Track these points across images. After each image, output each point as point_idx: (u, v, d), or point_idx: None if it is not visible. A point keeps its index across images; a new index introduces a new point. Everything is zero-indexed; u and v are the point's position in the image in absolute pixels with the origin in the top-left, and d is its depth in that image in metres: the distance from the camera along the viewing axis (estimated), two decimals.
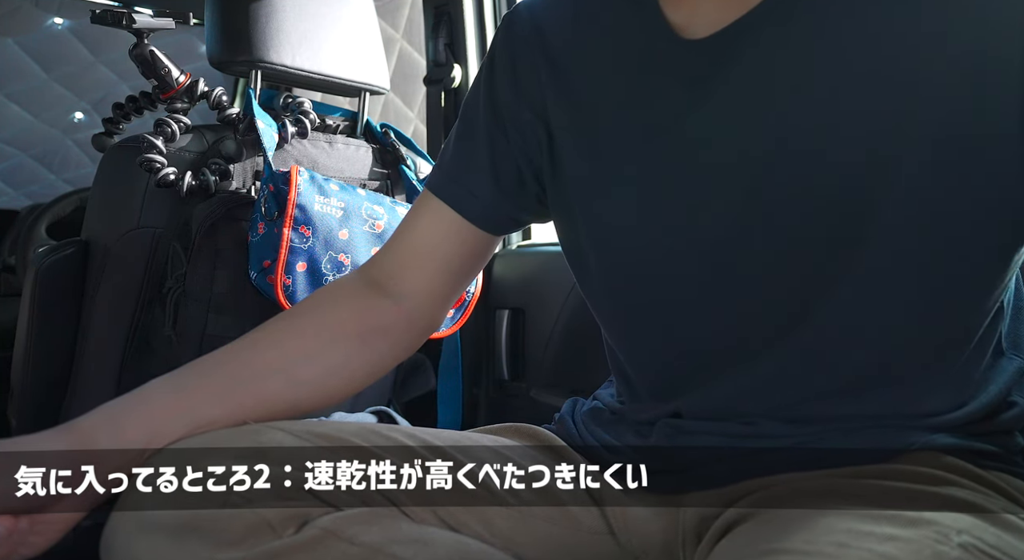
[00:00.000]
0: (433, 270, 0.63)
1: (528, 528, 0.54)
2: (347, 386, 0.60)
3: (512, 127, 0.62)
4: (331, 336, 0.59)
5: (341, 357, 0.59)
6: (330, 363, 0.59)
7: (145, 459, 0.49)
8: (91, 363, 0.98)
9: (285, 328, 0.60)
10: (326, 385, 0.58)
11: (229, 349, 0.58)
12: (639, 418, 0.62)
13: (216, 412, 0.53)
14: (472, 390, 1.38)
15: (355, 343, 0.59)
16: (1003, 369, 0.55)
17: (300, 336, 0.59)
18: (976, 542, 0.42)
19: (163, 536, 0.43)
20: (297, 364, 0.57)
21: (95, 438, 0.50)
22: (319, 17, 1.07)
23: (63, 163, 2.35)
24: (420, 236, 0.63)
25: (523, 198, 0.64)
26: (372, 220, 1.00)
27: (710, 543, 0.53)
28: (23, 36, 2.14)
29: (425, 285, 0.63)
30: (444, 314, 0.67)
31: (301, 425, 0.52)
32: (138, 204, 0.96)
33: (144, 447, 0.50)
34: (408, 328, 0.63)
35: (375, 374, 0.62)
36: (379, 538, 0.45)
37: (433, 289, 0.63)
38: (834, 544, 0.40)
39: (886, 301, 0.51)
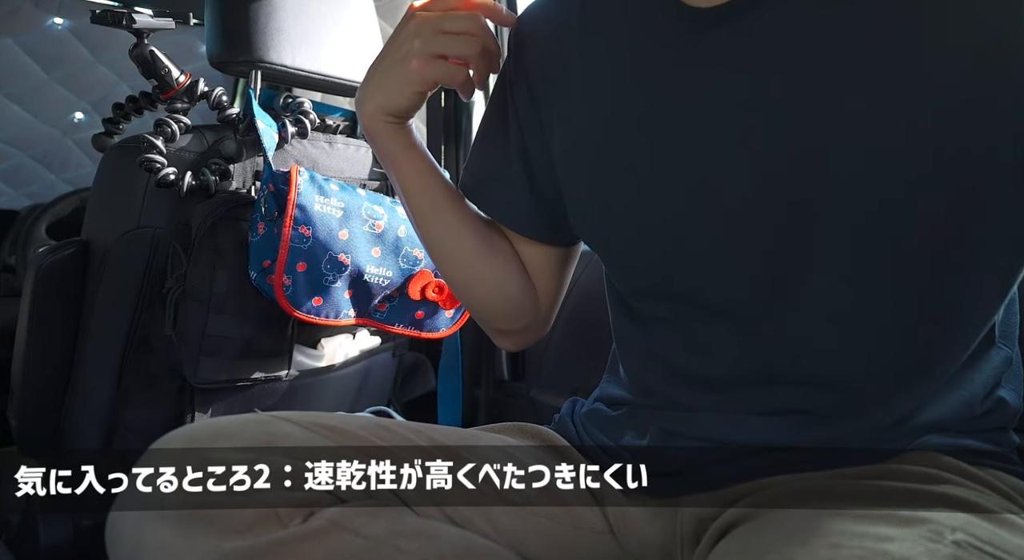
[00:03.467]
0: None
1: (532, 526, 0.54)
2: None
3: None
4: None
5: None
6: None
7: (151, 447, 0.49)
8: (91, 363, 0.98)
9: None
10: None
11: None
12: (636, 420, 0.63)
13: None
14: (472, 390, 1.38)
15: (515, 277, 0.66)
16: (991, 359, 0.55)
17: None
18: (970, 539, 0.42)
19: (170, 525, 0.43)
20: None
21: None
22: (319, 17, 1.07)
23: (63, 163, 2.35)
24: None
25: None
26: (372, 220, 1.01)
27: (708, 545, 0.53)
28: (23, 36, 2.14)
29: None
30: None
31: (309, 417, 0.52)
32: (138, 204, 0.96)
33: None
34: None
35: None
36: (384, 531, 0.46)
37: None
38: (829, 545, 0.40)
39: (879, 300, 0.51)
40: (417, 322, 1.11)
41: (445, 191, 0.64)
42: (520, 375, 1.32)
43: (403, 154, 0.62)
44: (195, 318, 0.95)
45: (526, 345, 0.72)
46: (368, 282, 1.01)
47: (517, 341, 0.71)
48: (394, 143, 0.62)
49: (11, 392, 1.05)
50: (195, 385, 0.96)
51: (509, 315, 0.67)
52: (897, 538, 0.41)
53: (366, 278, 1.00)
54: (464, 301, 0.69)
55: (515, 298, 0.66)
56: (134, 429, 0.98)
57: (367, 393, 1.24)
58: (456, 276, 0.66)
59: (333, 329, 1.13)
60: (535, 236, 0.65)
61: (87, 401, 0.98)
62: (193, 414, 0.99)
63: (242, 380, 1.00)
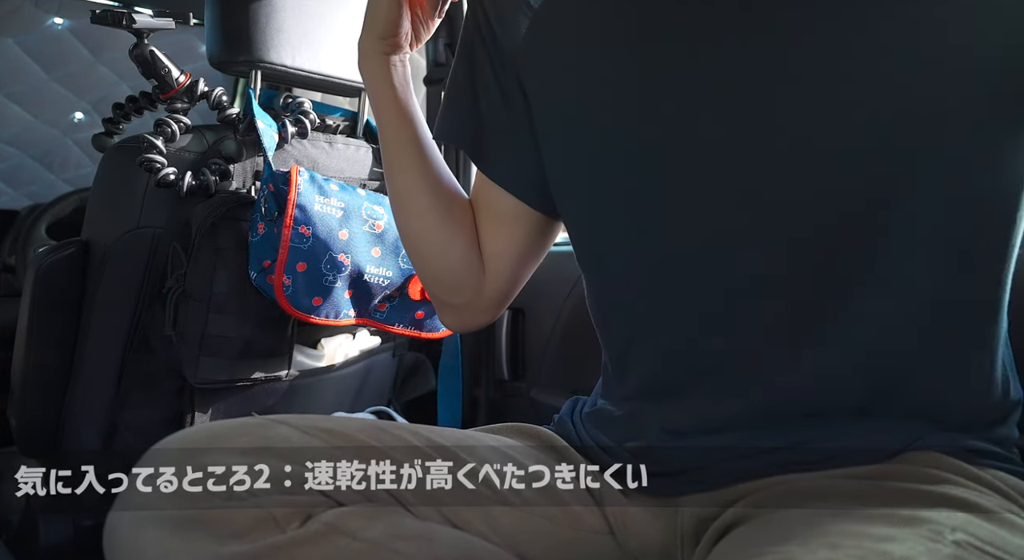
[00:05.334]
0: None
1: (531, 527, 0.54)
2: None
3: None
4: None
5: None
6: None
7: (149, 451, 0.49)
8: (91, 363, 0.98)
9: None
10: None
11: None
12: (636, 420, 0.62)
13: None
14: (472, 390, 1.38)
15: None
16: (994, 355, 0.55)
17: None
18: (970, 539, 0.42)
19: (168, 529, 0.43)
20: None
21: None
22: (319, 17, 1.07)
23: (63, 163, 2.35)
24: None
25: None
26: (372, 220, 1.01)
27: (708, 545, 0.53)
28: (23, 36, 2.14)
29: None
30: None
31: (307, 420, 0.52)
32: (138, 204, 0.96)
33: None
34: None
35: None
36: (382, 534, 0.46)
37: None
38: (829, 545, 0.40)
39: (895, 300, 0.51)
40: (417, 322, 1.11)
41: (416, 142, 0.67)
42: (520, 375, 1.32)
43: (384, 93, 0.67)
44: (195, 318, 0.95)
45: (464, 327, 0.75)
46: (368, 282, 1.01)
47: (456, 319, 0.73)
48: (379, 77, 0.66)
49: (11, 392, 1.05)
50: (195, 385, 0.96)
51: (447, 285, 0.69)
52: (897, 538, 0.41)
53: (366, 278, 1.00)
54: (411, 259, 0.72)
55: (456, 268, 0.68)
56: (134, 429, 0.98)
57: (367, 393, 1.24)
58: (406, 229, 0.70)
59: (333, 329, 1.13)
60: (520, 194, 0.66)
61: (87, 401, 0.98)
62: (193, 414, 0.99)
63: (242, 380, 1.00)
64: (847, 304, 0.52)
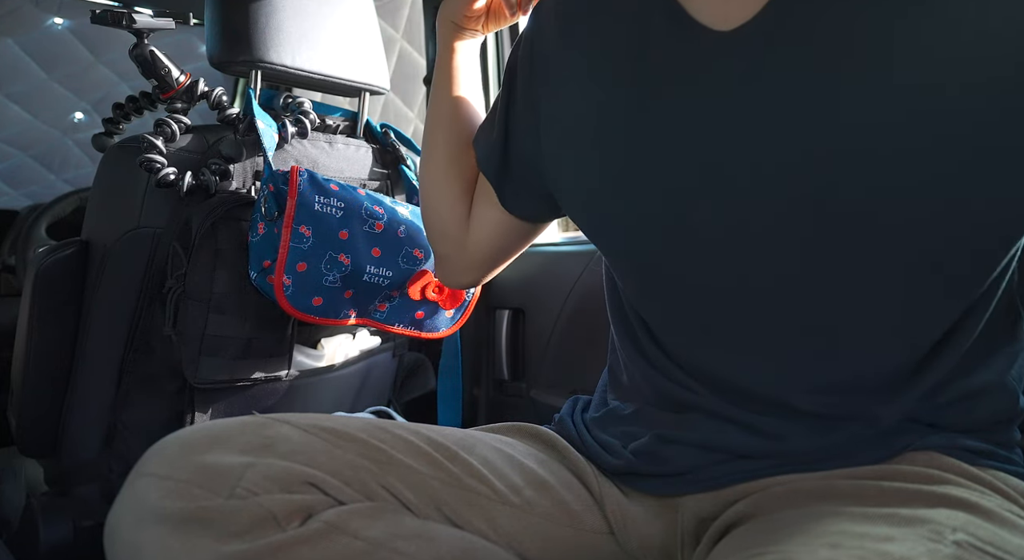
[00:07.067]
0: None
1: (531, 526, 0.54)
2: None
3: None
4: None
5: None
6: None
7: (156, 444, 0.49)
8: (91, 363, 0.98)
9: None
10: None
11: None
12: (638, 419, 0.62)
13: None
14: (472, 390, 1.38)
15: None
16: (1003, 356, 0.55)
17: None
18: (971, 539, 0.42)
19: (168, 527, 0.43)
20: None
21: None
22: (319, 17, 1.07)
23: (63, 163, 2.35)
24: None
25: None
26: (372, 220, 1.01)
27: (708, 545, 0.53)
28: (23, 36, 2.14)
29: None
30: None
31: (308, 419, 0.52)
32: (138, 204, 0.96)
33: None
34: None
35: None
36: (383, 533, 0.46)
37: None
38: (829, 545, 0.40)
39: (892, 298, 0.51)
40: (417, 322, 1.11)
41: (451, 103, 0.78)
42: (520, 375, 1.32)
43: (447, 58, 0.78)
44: (195, 318, 0.95)
45: (450, 282, 0.83)
46: (368, 282, 1.01)
47: (440, 270, 0.83)
48: (445, 44, 0.78)
49: (11, 392, 1.06)
50: (195, 385, 0.96)
51: (434, 230, 0.80)
52: (898, 538, 0.41)
53: (366, 278, 1.00)
54: (420, 197, 0.82)
55: (445, 219, 0.78)
56: (134, 429, 0.98)
57: (367, 393, 1.24)
58: (426, 174, 0.79)
59: (333, 329, 1.13)
60: (492, 180, 0.73)
61: (87, 401, 0.98)
62: (193, 414, 0.99)
63: (242, 380, 1.00)
64: (851, 312, 0.52)
